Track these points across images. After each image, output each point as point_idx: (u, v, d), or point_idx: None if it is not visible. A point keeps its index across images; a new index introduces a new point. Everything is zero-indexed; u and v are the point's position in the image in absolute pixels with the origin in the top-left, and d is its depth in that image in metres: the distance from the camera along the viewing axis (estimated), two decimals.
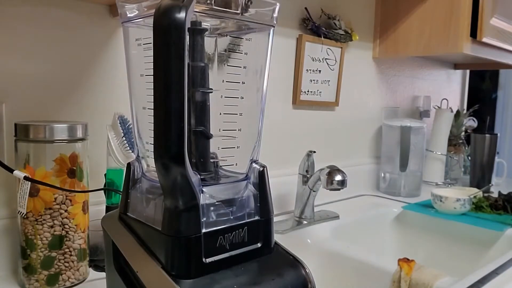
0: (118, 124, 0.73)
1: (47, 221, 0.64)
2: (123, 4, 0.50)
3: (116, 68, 0.84)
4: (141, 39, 0.50)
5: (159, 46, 0.40)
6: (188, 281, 0.43)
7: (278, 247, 0.53)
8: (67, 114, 0.78)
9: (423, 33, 1.29)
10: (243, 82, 0.51)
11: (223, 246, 0.46)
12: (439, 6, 1.26)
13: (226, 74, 0.50)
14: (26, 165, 0.63)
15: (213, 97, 0.49)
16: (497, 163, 1.56)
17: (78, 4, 0.78)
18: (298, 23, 1.16)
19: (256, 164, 0.52)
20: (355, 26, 1.28)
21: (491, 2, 1.26)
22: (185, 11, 0.39)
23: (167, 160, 0.41)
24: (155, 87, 0.40)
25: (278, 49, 1.11)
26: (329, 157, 1.29)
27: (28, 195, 0.61)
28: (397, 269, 0.79)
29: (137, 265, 0.47)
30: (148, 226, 0.47)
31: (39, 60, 0.75)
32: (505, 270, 0.80)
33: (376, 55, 1.42)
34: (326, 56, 1.22)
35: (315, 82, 1.21)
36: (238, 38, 0.51)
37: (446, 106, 1.70)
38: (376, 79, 1.47)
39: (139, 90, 0.51)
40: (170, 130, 0.40)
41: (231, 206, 0.49)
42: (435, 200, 1.18)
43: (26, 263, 0.65)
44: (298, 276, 0.49)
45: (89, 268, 0.72)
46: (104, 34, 0.82)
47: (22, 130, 0.64)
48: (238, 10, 0.47)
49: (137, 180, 0.52)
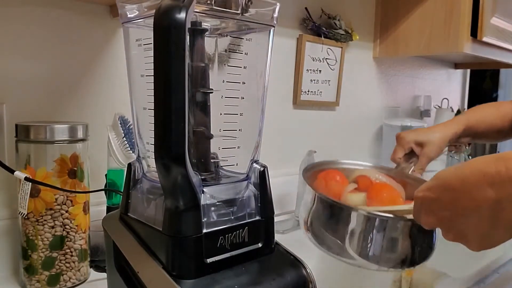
0: (119, 125, 0.73)
1: (48, 221, 0.64)
2: (124, 5, 0.50)
3: (116, 69, 0.84)
4: (141, 39, 0.50)
5: (160, 47, 0.40)
6: (189, 281, 0.43)
7: (279, 247, 0.53)
8: (67, 115, 0.78)
9: (424, 32, 1.29)
10: (243, 82, 0.51)
11: (224, 246, 0.46)
12: (439, 6, 1.26)
13: (227, 74, 0.50)
14: (27, 166, 0.64)
15: (213, 97, 0.49)
16: None
17: (79, 4, 0.78)
18: (299, 23, 1.16)
19: (257, 164, 0.52)
20: (355, 26, 1.28)
21: (491, 2, 1.26)
22: (185, 12, 0.39)
23: (167, 160, 0.41)
24: (156, 88, 0.40)
25: (278, 49, 1.11)
26: (329, 157, 1.29)
27: (29, 196, 0.61)
28: None
29: (138, 265, 0.47)
30: (149, 226, 0.47)
31: (40, 60, 0.75)
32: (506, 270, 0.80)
33: (376, 54, 1.42)
34: (327, 56, 1.22)
35: (316, 82, 1.21)
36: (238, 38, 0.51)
37: (447, 105, 1.70)
38: (377, 79, 1.47)
39: (140, 91, 0.51)
40: (170, 130, 0.40)
41: (232, 206, 0.49)
42: None
43: (27, 263, 0.65)
44: (299, 276, 0.49)
45: (90, 268, 0.72)
46: (104, 34, 0.82)
47: (23, 131, 0.64)
48: (238, 10, 0.47)
49: (137, 180, 0.52)
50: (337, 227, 0.54)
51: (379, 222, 0.52)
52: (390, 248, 0.53)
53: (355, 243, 0.52)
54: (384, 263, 0.53)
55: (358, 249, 0.52)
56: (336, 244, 0.54)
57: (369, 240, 0.52)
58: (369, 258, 0.53)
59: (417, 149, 0.80)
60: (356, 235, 0.52)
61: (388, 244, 0.53)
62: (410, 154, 0.81)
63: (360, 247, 0.53)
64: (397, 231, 0.52)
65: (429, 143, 0.79)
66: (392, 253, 0.53)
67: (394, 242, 0.53)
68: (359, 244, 0.53)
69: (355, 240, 0.52)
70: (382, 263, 0.53)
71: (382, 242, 0.52)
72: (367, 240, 0.52)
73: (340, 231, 0.53)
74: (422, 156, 0.80)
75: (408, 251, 0.54)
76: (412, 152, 0.81)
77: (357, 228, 0.52)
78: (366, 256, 0.52)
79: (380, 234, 0.52)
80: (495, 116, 0.87)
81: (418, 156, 0.80)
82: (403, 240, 0.53)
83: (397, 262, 0.54)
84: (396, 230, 0.52)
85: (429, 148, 0.79)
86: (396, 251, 0.53)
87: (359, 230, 0.52)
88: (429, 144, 0.79)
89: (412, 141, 0.80)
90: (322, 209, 0.55)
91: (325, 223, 0.55)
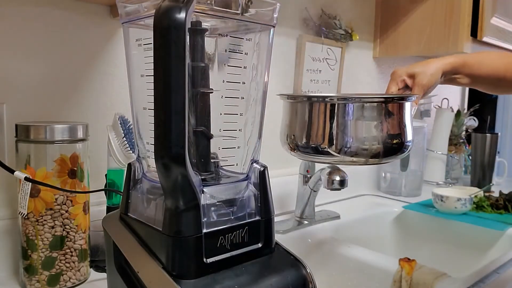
0: (119, 125, 0.73)
1: (48, 221, 0.64)
2: (124, 5, 0.50)
3: (116, 69, 0.84)
4: (141, 39, 0.50)
5: (160, 47, 0.40)
6: (189, 281, 0.43)
7: (279, 247, 0.53)
8: (67, 115, 0.78)
9: (423, 32, 1.29)
10: (243, 82, 0.51)
11: (224, 246, 0.46)
12: (439, 6, 1.26)
13: (227, 74, 0.50)
14: (27, 166, 0.64)
15: (213, 97, 0.49)
16: (498, 162, 1.56)
17: (79, 4, 0.78)
18: (299, 23, 1.16)
19: (257, 164, 0.52)
20: (355, 26, 1.28)
21: (491, 2, 1.26)
22: (185, 12, 0.39)
23: (167, 160, 0.41)
24: (156, 88, 0.40)
25: (278, 49, 1.11)
26: None
27: (29, 196, 0.61)
28: (398, 269, 0.79)
29: (138, 265, 0.47)
30: (149, 226, 0.47)
31: (40, 60, 0.75)
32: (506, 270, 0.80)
33: (376, 54, 1.42)
34: (327, 56, 1.22)
35: (316, 82, 1.21)
36: (239, 38, 0.51)
37: (447, 105, 1.70)
38: (377, 79, 1.47)
39: (140, 91, 0.51)
40: (170, 130, 0.40)
41: (232, 206, 0.49)
42: (436, 199, 1.18)
43: (27, 263, 0.65)
44: (299, 276, 0.49)
45: (90, 268, 0.72)
46: (104, 34, 0.82)
47: (23, 131, 0.64)
48: (238, 10, 0.47)
49: (137, 180, 0.52)
50: (316, 125, 0.58)
51: (351, 107, 0.57)
52: (364, 133, 0.57)
53: (333, 139, 0.56)
54: (361, 155, 0.57)
55: (336, 146, 0.57)
56: (317, 147, 0.58)
57: (343, 128, 0.56)
58: (346, 152, 0.55)
59: (409, 81, 0.78)
60: (333, 128, 0.56)
61: (361, 130, 0.57)
62: (405, 89, 0.79)
63: (337, 141, 0.57)
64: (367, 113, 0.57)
65: (421, 73, 0.76)
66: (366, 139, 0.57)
67: (367, 127, 0.57)
68: (337, 138, 0.56)
69: (333, 135, 0.56)
70: (359, 155, 0.57)
71: (355, 129, 0.57)
72: (343, 129, 0.56)
73: (318, 128, 0.57)
74: (414, 86, 0.77)
75: (380, 136, 0.58)
76: (407, 87, 0.79)
77: (332, 117, 0.56)
78: (344, 152, 0.55)
79: (352, 119, 0.56)
80: (499, 62, 0.82)
81: (412, 88, 0.78)
82: (376, 125, 0.57)
83: (372, 152, 0.57)
84: (366, 112, 0.57)
85: (420, 76, 0.76)
86: (371, 137, 0.57)
87: (334, 120, 0.56)
88: (421, 74, 0.76)
89: (404, 74, 0.78)
90: (299, 111, 0.60)
91: (303, 125, 0.59)
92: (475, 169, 1.52)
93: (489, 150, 1.50)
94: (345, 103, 0.58)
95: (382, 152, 0.58)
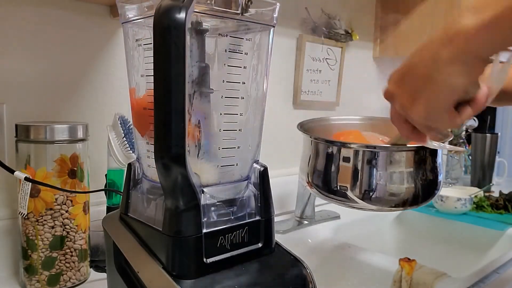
0: (119, 125, 0.73)
1: (48, 221, 0.64)
2: (124, 5, 0.50)
3: (116, 69, 0.84)
4: (141, 39, 0.50)
5: (160, 47, 0.40)
6: (189, 281, 0.43)
7: (279, 247, 0.53)
8: (67, 115, 0.78)
9: (424, 32, 1.29)
10: (243, 82, 0.51)
11: (224, 246, 0.46)
12: (439, 6, 1.26)
13: (227, 74, 0.50)
14: (27, 166, 0.64)
15: (213, 97, 0.49)
16: (497, 162, 1.56)
17: (79, 4, 0.78)
18: (299, 23, 1.16)
19: (257, 164, 0.52)
20: (355, 26, 1.28)
21: None
22: (185, 12, 0.39)
23: (167, 160, 0.41)
24: (156, 88, 0.40)
25: (278, 49, 1.11)
26: None
27: (29, 196, 0.61)
28: (398, 269, 0.79)
29: (138, 265, 0.47)
30: (149, 226, 0.47)
31: (40, 60, 0.75)
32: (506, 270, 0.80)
33: (376, 54, 1.42)
34: (327, 56, 1.22)
35: (316, 82, 1.21)
36: (239, 38, 0.51)
37: None
38: (377, 79, 1.46)
39: (140, 91, 0.51)
40: (170, 130, 0.40)
41: (232, 206, 0.49)
42: (436, 199, 1.18)
43: (27, 263, 0.65)
44: (299, 276, 0.49)
45: (90, 268, 0.72)
46: (104, 34, 0.82)
47: (23, 131, 0.64)
48: (238, 10, 0.47)
49: (137, 180, 0.52)
50: (337, 168, 0.53)
51: (376, 154, 0.51)
52: (390, 183, 0.52)
53: (357, 186, 0.52)
54: (386, 203, 0.52)
55: (360, 193, 0.52)
56: (339, 190, 0.53)
57: (368, 177, 0.52)
58: (371, 200, 0.52)
59: None
60: (357, 175, 0.52)
61: (388, 179, 0.52)
62: None
63: (362, 189, 0.52)
64: (395, 162, 0.52)
65: None
66: (393, 188, 0.52)
67: (393, 176, 0.52)
68: (361, 185, 0.52)
69: (357, 182, 0.52)
70: (384, 203, 0.52)
71: (381, 177, 0.52)
72: (368, 177, 0.52)
73: (341, 173, 0.53)
74: None
75: (410, 187, 0.52)
76: None
77: (358, 163, 0.51)
78: (368, 198, 0.52)
79: (377, 168, 0.52)
80: None
81: None
82: (403, 174, 0.52)
83: (400, 201, 0.52)
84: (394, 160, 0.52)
85: None
86: (397, 187, 0.52)
87: (360, 167, 0.51)
88: None
89: None
90: (320, 152, 0.54)
91: (324, 167, 0.55)
92: (475, 169, 1.52)
93: (489, 150, 1.50)
94: (376, 151, 0.52)
95: (414, 199, 0.54)
